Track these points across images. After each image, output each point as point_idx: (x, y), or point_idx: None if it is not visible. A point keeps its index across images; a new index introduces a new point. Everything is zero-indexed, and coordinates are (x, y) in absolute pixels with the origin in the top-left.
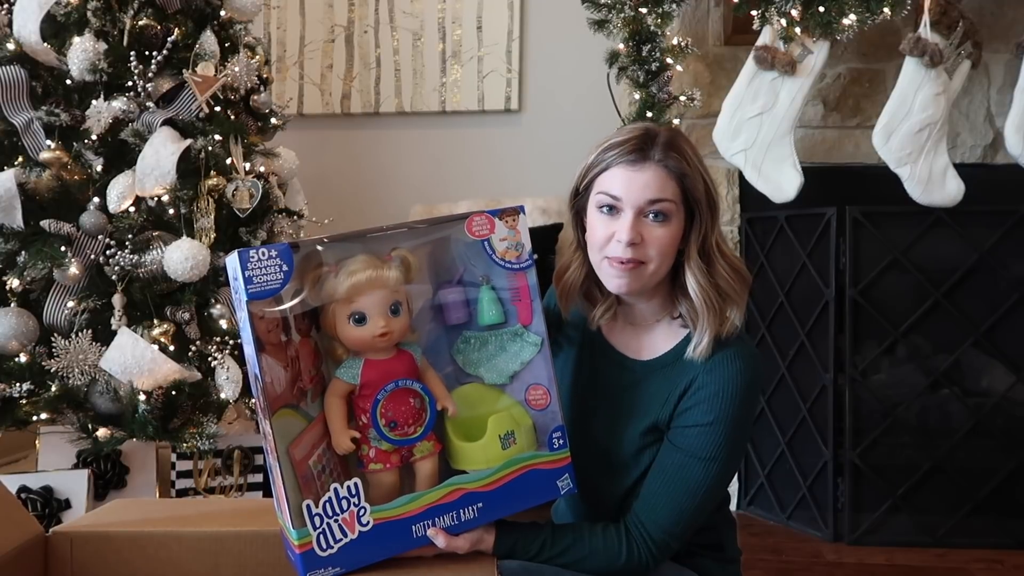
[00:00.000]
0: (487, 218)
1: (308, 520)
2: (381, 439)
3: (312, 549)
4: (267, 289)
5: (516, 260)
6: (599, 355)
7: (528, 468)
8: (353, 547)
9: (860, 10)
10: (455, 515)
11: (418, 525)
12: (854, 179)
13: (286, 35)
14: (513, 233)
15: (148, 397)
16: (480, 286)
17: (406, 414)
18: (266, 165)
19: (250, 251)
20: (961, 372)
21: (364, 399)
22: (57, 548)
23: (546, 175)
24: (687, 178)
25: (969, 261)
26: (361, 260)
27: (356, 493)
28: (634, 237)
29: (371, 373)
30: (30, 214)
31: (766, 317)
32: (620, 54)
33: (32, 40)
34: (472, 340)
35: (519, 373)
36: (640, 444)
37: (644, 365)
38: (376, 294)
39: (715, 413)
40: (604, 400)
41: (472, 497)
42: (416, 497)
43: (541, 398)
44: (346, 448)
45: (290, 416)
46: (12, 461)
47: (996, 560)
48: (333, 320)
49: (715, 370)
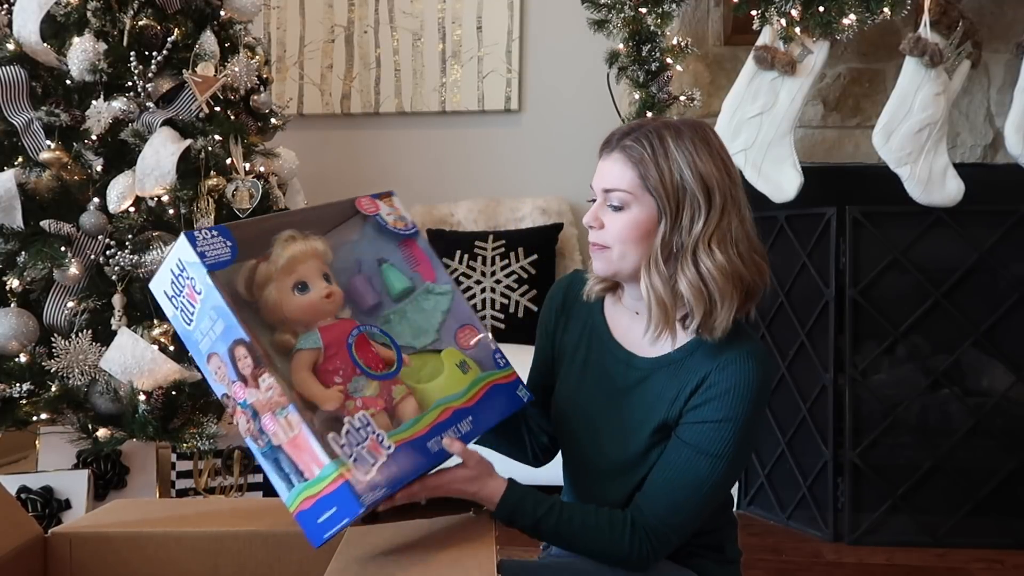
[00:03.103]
0: (371, 200)
1: (339, 450)
2: (367, 380)
3: (354, 476)
4: (221, 261)
5: (405, 228)
6: (608, 355)
7: (490, 384)
8: (387, 467)
9: (860, 10)
10: (455, 430)
11: (431, 442)
12: (854, 179)
13: (286, 35)
14: (393, 210)
15: (148, 397)
16: (380, 266)
17: (375, 359)
18: (266, 165)
19: (193, 232)
20: (961, 372)
21: (332, 358)
22: (56, 549)
23: (546, 175)
24: (644, 166)
25: (969, 261)
26: (289, 234)
27: (368, 423)
28: (590, 221)
29: (328, 335)
30: (30, 214)
31: (766, 317)
32: (620, 54)
33: (32, 40)
34: (392, 316)
35: (443, 324)
36: (648, 443)
37: (651, 362)
38: (311, 263)
39: (726, 411)
40: (612, 399)
41: (462, 413)
42: (418, 419)
43: (469, 335)
44: (336, 402)
45: (283, 363)
46: (12, 461)
47: (996, 560)
48: (278, 299)
49: (728, 368)
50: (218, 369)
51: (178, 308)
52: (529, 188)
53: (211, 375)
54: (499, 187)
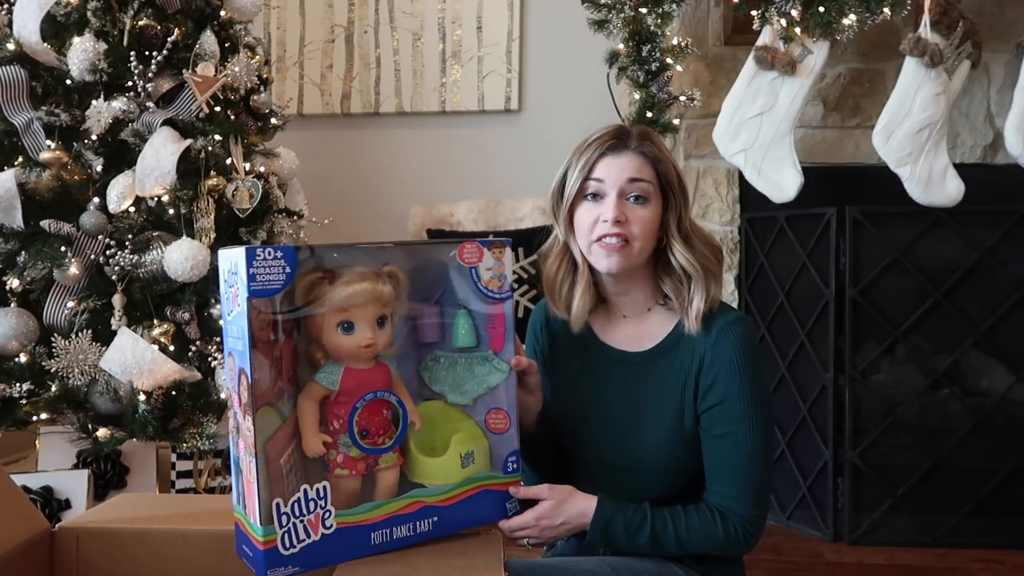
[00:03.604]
0: (477, 247)
1: (276, 518)
2: (353, 446)
3: (276, 547)
4: (268, 288)
5: (498, 290)
6: (603, 359)
7: (483, 487)
8: (314, 548)
9: (860, 10)
10: (412, 526)
11: (377, 533)
12: (854, 179)
13: (286, 35)
14: (498, 264)
15: (148, 397)
16: (458, 309)
17: (378, 424)
18: (266, 165)
19: (257, 250)
20: (961, 372)
21: (339, 405)
22: (63, 543)
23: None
24: (661, 163)
25: (969, 261)
26: (359, 272)
27: (324, 496)
28: (619, 215)
29: (349, 381)
30: (30, 214)
31: (766, 317)
32: (620, 54)
33: (32, 40)
34: (442, 359)
35: (483, 396)
36: (667, 430)
37: (646, 354)
38: (368, 306)
39: (734, 383)
40: (618, 398)
41: (429, 511)
42: (378, 505)
43: (501, 422)
44: (317, 451)
45: (270, 414)
46: (12, 461)
47: (996, 560)
48: (320, 325)
49: (721, 343)
50: (230, 369)
51: (226, 296)
52: (529, 188)
53: (226, 367)
54: (499, 187)
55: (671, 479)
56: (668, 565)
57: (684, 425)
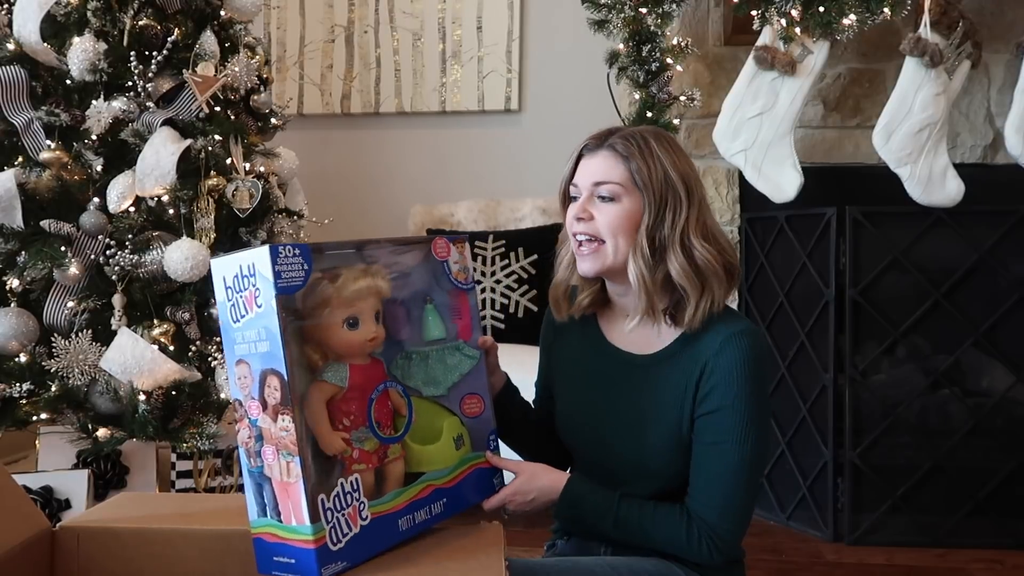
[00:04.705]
0: (446, 243)
1: (323, 513)
2: (367, 439)
3: (326, 544)
4: (292, 285)
5: (465, 281)
6: (609, 360)
7: (474, 467)
8: (357, 541)
9: (860, 10)
10: (428, 510)
11: (403, 520)
12: (854, 179)
13: (286, 35)
14: (462, 257)
15: (148, 397)
16: (424, 304)
17: (387, 415)
18: (266, 165)
19: (278, 247)
20: (961, 372)
21: (349, 401)
22: (64, 543)
23: (546, 175)
24: (632, 161)
25: (969, 261)
26: (360, 269)
27: (357, 488)
28: (580, 212)
29: (357, 377)
30: (30, 214)
31: (766, 317)
32: (620, 54)
33: (32, 40)
34: (413, 355)
35: (456, 384)
36: (665, 438)
37: (652, 358)
38: (370, 301)
39: (732, 394)
40: (621, 401)
41: (439, 493)
42: (400, 492)
43: (476, 406)
44: (338, 448)
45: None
46: (12, 461)
47: (996, 560)
48: (327, 325)
49: (724, 351)
50: (243, 377)
51: (231, 301)
52: (529, 188)
53: (234, 377)
54: (499, 187)
55: (670, 482)
56: (669, 565)
57: (683, 430)
